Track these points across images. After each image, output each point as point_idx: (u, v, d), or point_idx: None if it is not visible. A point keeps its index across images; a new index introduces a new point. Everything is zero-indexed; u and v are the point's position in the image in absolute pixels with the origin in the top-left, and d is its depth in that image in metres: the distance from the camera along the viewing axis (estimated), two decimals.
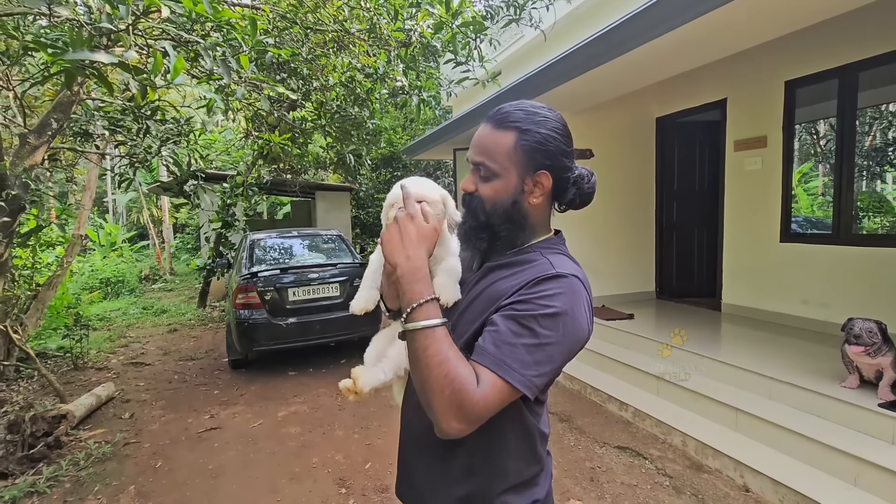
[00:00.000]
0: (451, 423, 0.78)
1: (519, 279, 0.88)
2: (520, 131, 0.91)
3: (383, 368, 1.03)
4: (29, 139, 2.99)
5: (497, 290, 0.91)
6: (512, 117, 0.92)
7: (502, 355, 0.80)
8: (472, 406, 0.77)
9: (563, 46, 4.35)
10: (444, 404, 0.77)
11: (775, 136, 4.53)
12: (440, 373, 0.77)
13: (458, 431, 0.78)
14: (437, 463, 0.97)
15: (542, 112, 0.93)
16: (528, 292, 0.85)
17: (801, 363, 3.39)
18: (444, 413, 0.77)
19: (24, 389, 4.53)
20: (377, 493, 2.80)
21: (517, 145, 0.91)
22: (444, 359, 0.78)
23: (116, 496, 2.83)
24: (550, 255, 0.92)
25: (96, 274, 10.59)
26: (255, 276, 4.93)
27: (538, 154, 0.91)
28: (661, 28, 3.06)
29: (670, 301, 5.77)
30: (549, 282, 0.85)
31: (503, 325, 0.82)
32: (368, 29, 3.42)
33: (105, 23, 1.64)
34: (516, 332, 0.81)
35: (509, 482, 0.94)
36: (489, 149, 0.93)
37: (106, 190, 17.89)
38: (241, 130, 5.64)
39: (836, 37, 3.95)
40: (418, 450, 1.01)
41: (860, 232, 5.40)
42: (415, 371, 0.82)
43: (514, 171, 0.92)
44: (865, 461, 2.46)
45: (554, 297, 0.83)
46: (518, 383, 0.79)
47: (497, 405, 0.80)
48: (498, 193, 0.93)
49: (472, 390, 0.77)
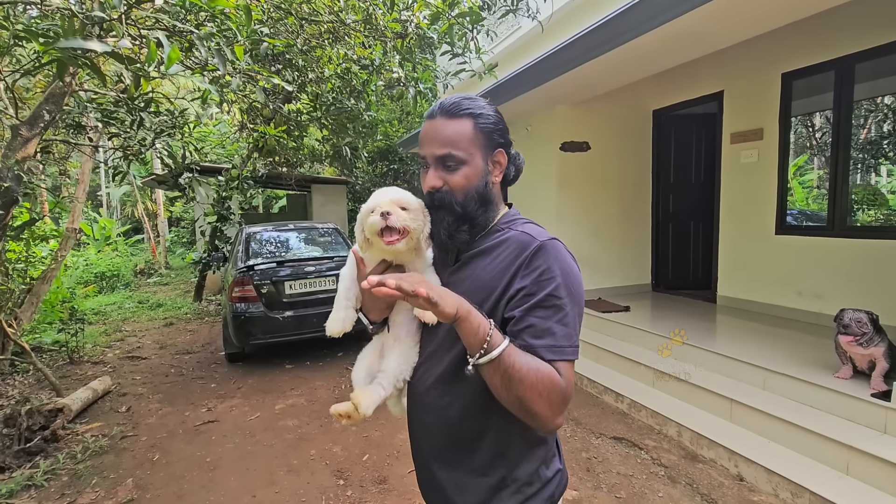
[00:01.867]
0: (558, 418, 0.85)
1: (503, 261, 0.94)
2: (473, 116, 0.96)
3: (382, 384, 1.01)
4: (21, 131, 2.95)
5: (483, 277, 0.95)
6: (462, 106, 0.96)
7: (554, 341, 0.86)
8: (567, 393, 0.85)
9: (560, 38, 4.33)
10: (547, 405, 0.83)
11: (771, 129, 4.54)
12: (535, 379, 0.82)
13: (561, 422, 0.86)
14: (464, 458, 0.99)
15: (480, 99, 1.00)
16: (527, 276, 0.90)
17: (796, 354, 3.42)
18: (551, 412, 0.83)
19: (20, 384, 4.52)
20: (375, 485, 2.81)
21: (476, 129, 0.96)
22: (532, 367, 0.83)
23: (114, 489, 2.84)
24: (519, 227, 0.98)
25: (91, 268, 10.54)
26: (252, 269, 4.92)
27: (495, 134, 0.98)
28: (659, 19, 3.05)
29: (666, 293, 5.80)
30: (537, 257, 0.91)
31: (531, 317, 0.88)
32: (364, 19, 3.38)
33: (97, 11, 1.62)
34: (545, 317, 0.87)
35: (537, 457, 1.00)
36: (452, 139, 0.95)
37: (99, 183, 17.74)
38: (236, 123, 5.60)
39: (833, 28, 3.95)
40: (441, 450, 1.02)
41: (854, 224, 5.43)
42: (511, 390, 0.82)
43: (479, 155, 0.97)
44: (857, 450, 2.49)
45: (549, 268, 0.89)
46: (573, 356, 0.87)
47: (573, 379, 0.88)
48: (470, 180, 0.96)
49: (562, 382, 0.84)
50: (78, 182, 8.13)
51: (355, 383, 1.04)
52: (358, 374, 1.05)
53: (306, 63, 3.55)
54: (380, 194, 0.98)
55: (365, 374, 1.04)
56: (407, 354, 1.04)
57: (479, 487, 0.97)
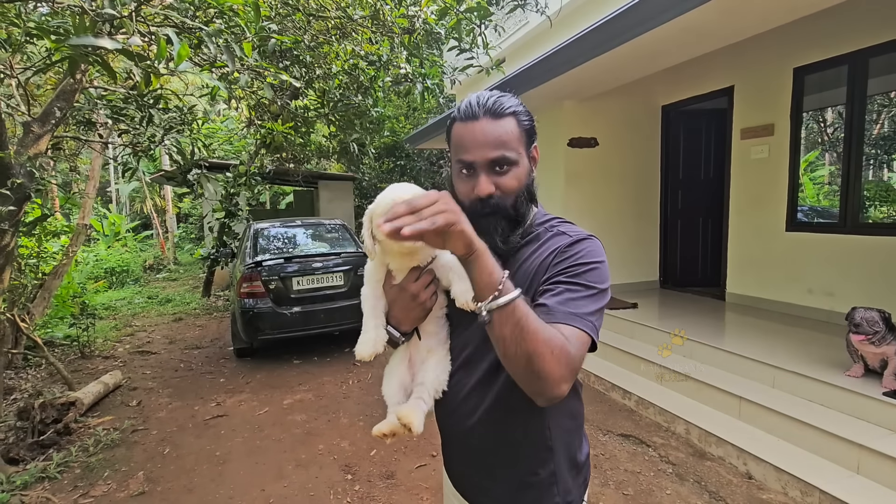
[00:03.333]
0: (563, 383, 0.78)
1: (544, 254, 0.94)
2: (515, 115, 0.94)
3: (423, 398, 0.95)
4: (32, 128, 2.98)
5: (529, 269, 0.95)
6: (505, 105, 0.93)
7: (574, 309, 0.84)
8: (575, 361, 0.80)
9: (568, 33, 4.29)
10: (554, 366, 0.76)
11: (783, 124, 4.48)
12: (549, 335, 0.77)
13: (565, 391, 0.79)
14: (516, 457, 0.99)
15: (509, 95, 0.98)
16: (564, 258, 0.91)
17: (806, 352, 3.39)
18: (556, 374, 0.76)
19: (33, 377, 4.59)
20: (382, 480, 2.83)
21: (520, 127, 0.94)
22: (541, 324, 0.78)
23: (126, 482, 2.87)
24: (559, 226, 1.00)
25: (101, 263, 10.65)
26: (260, 265, 4.95)
27: (532, 132, 0.98)
28: (669, 14, 3.01)
29: (674, 290, 5.77)
30: (577, 244, 0.93)
31: (559, 288, 0.87)
32: (371, 15, 3.37)
33: (108, 8, 1.63)
34: (572, 289, 0.87)
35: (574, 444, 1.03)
36: (503, 140, 0.91)
37: (109, 179, 17.89)
38: (244, 119, 5.63)
39: (846, 22, 3.89)
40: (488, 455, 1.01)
41: (867, 221, 5.36)
42: (521, 344, 0.75)
43: (524, 154, 0.96)
44: (868, 449, 2.47)
45: (588, 253, 0.91)
46: (591, 330, 0.85)
47: (583, 356, 0.84)
48: (521, 180, 0.95)
49: (570, 346, 0.79)
50: (88, 178, 8.21)
51: (388, 400, 0.98)
52: (390, 390, 0.99)
53: (314, 59, 3.54)
54: (395, 190, 0.86)
55: (398, 388, 0.98)
56: (444, 364, 1.00)
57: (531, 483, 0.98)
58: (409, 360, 1.01)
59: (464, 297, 0.84)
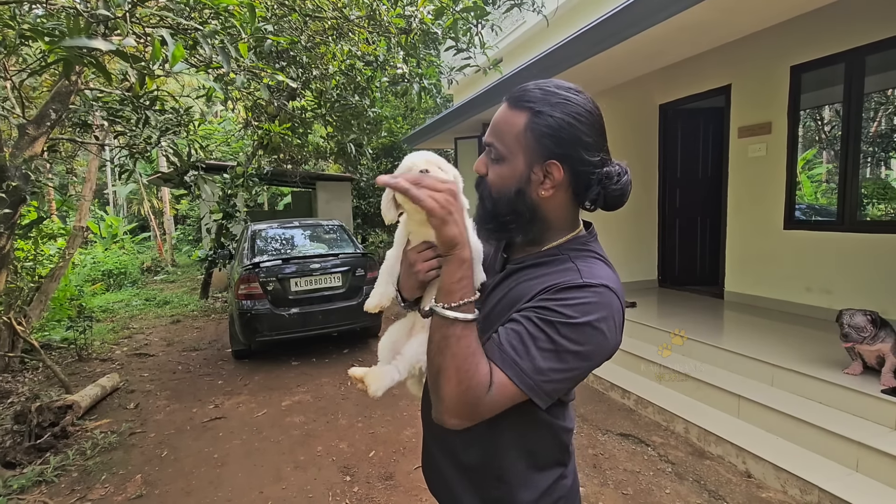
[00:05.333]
0: (453, 418, 0.76)
1: (543, 282, 0.82)
2: (533, 113, 0.82)
3: (398, 367, 0.97)
4: (28, 130, 2.97)
5: (520, 292, 0.85)
6: (528, 96, 0.83)
7: (516, 356, 0.76)
8: (478, 406, 0.75)
9: (565, 32, 4.29)
10: (455, 396, 0.74)
11: (780, 123, 4.49)
12: (467, 365, 0.74)
13: (454, 426, 0.77)
14: (457, 460, 0.96)
15: (565, 93, 0.83)
16: (551, 298, 0.78)
17: (804, 350, 3.40)
18: (451, 404, 0.75)
19: (30, 380, 4.57)
20: (381, 481, 2.82)
21: (527, 128, 0.82)
22: (473, 352, 0.75)
23: (123, 485, 2.86)
24: (580, 261, 0.84)
25: (98, 266, 10.62)
26: (258, 266, 4.93)
27: (548, 140, 0.81)
28: (666, 12, 3.02)
29: (673, 289, 5.77)
30: (576, 291, 0.78)
31: (520, 326, 0.78)
32: (368, 15, 3.37)
33: (102, 10, 1.62)
34: (532, 335, 0.76)
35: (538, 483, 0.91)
36: (500, 129, 0.85)
37: (106, 181, 17.86)
38: (241, 120, 5.61)
39: (843, 20, 3.89)
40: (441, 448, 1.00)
41: (864, 219, 5.37)
42: (439, 355, 0.75)
43: (522, 157, 0.83)
44: (867, 447, 2.47)
45: (578, 306, 0.76)
46: (526, 388, 0.75)
47: (502, 406, 0.77)
48: (503, 180, 0.85)
49: (484, 392, 0.74)
50: (85, 180, 8.19)
51: (379, 353, 1.03)
52: (384, 346, 1.03)
53: (310, 60, 3.54)
54: (415, 155, 0.88)
55: (390, 347, 1.02)
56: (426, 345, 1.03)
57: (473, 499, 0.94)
58: (410, 327, 1.03)
59: None
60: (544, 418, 0.89)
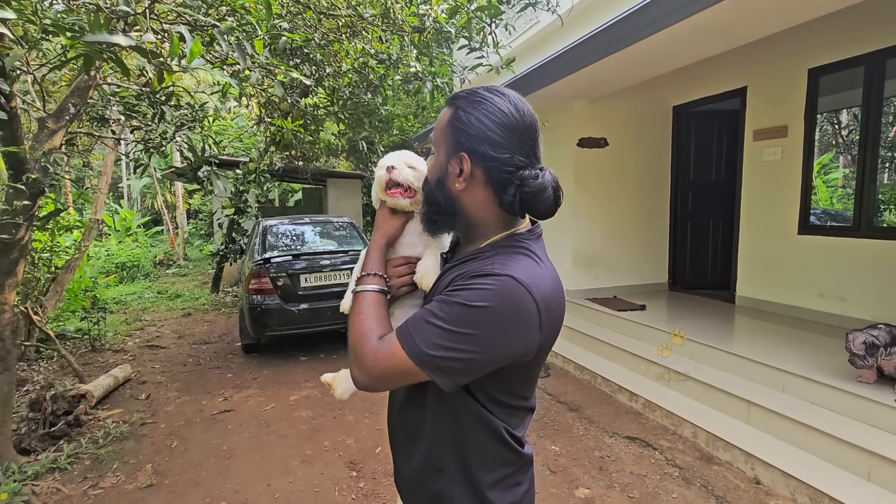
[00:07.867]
0: (354, 369, 0.86)
1: (462, 272, 0.87)
2: (455, 108, 0.90)
3: None
4: (48, 123, 3.02)
5: (443, 283, 0.91)
6: (457, 95, 0.92)
7: (412, 329, 0.82)
8: (364, 355, 0.84)
9: (579, 32, 4.26)
10: (352, 352, 0.86)
11: (796, 126, 4.43)
12: (355, 324, 0.88)
13: (359, 380, 0.86)
14: (404, 456, 1.01)
15: (488, 95, 0.87)
16: (458, 284, 0.83)
17: (817, 357, 3.35)
18: (352, 360, 0.86)
19: (45, 369, 4.66)
20: (387, 477, 2.84)
21: (449, 122, 0.90)
22: (364, 316, 0.88)
23: (134, 474, 2.91)
24: (503, 255, 0.85)
25: (112, 258, 10.77)
26: (268, 262, 4.98)
27: (461, 135, 0.87)
28: (682, 13, 2.98)
29: (683, 293, 5.72)
30: (480, 278, 0.80)
31: (426, 308, 0.85)
32: (382, 14, 3.37)
33: (122, 6, 1.64)
34: (432, 313, 0.81)
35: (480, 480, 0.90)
36: (436, 124, 0.95)
37: (121, 175, 18.11)
38: (254, 117, 5.66)
39: (862, 23, 3.82)
40: (393, 442, 1.06)
41: (881, 225, 5.28)
42: (350, 328, 0.89)
43: (444, 149, 0.91)
44: (880, 456, 2.43)
45: (473, 291, 0.78)
46: (416, 359, 0.79)
47: (400, 374, 0.82)
48: (431, 172, 0.95)
49: (367, 342, 0.84)
50: (101, 174, 8.32)
51: None
52: None
53: (324, 57, 3.55)
54: (391, 154, 1.01)
55: None
56: None
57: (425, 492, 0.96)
58: None
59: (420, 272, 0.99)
60: (479, 414, 0.88)
